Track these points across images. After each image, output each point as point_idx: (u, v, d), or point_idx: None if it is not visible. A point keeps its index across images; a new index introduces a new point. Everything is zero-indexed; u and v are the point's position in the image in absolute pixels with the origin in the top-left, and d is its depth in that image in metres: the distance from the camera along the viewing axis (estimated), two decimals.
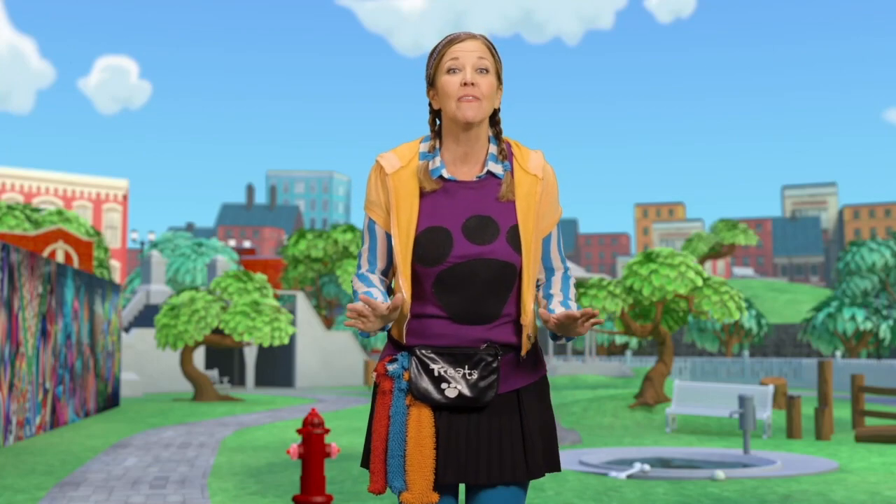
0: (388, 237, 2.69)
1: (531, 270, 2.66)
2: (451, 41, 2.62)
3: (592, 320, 2.57)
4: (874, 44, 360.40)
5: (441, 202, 2.65)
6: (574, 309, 2.71)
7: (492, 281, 2.62)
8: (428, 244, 2.61)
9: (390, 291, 2.81)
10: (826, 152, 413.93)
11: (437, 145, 2.69)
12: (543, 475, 2.69)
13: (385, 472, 2.61)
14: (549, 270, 2.78)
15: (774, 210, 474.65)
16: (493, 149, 2.69)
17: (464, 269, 2.60)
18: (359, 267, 2.78)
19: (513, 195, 2.66)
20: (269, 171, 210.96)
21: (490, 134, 2.72)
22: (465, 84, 2.58)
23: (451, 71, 2.60)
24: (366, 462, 2.71)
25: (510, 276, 2.63)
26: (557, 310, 2.71)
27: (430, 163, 2.67)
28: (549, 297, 2.77)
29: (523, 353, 2.69)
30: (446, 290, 2.62)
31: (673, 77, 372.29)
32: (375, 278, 2.71)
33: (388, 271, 2.74)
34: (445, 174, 2.65)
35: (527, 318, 2.67)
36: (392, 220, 2.65)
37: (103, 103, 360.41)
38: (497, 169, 2.67)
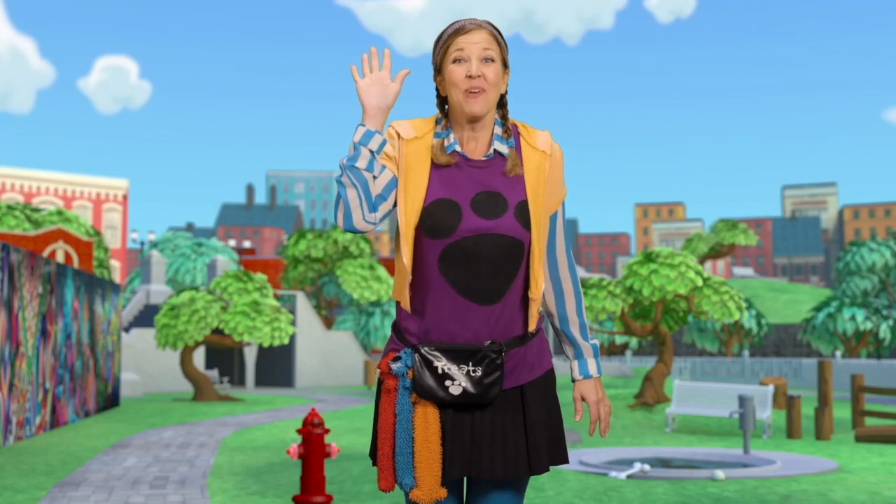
0: (395, 180, 2.67)
1: (541, 246, 2.68)
2: (457, 31, 2.64)
3: (595, 427, 2.83)
4: (874, 44, 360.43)
5: (451, 177, 2.66)
6: (592, 346, 2.83)
7: (499, 257, 2.63)
8: (437, 215, 2.61)
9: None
10: (826, 152, 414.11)
11: (448, 126, 2.72)
12: (548, 470, 2.72)
13: (394, 469, 2.63)
14: (554, 268, 2.79)
15: (774, 210, 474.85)
16: (498, 130, 2.71)
17: (471, 243, 2.61)
18: None
19: (520, 169, 2.68)
20: (269, 171, 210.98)
21: (496, 117, 2.74)
22: (471, 76, 2.60)
23: (457, 61, 2.63)
24: (373, 455, 2.74)
25: (518, 253, 2.65)
26: (583, 371, 2.84)
27: (445, 140, 2.69)
28: (564, 321, 2.83)
29: (531, 328, 2.72)
30: (453, 264, 2.63)
31: (673, 77, 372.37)
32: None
33: (378, 202, 2.65)
34: (458, 149, 2.67)
35: (536, 293, 2.69)
36: (400, 185, 2.65)
37: (103, 103, 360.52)
38: (503, 148, 2.69)
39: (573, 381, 2.80)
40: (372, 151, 2.58)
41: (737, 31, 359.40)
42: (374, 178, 2.60)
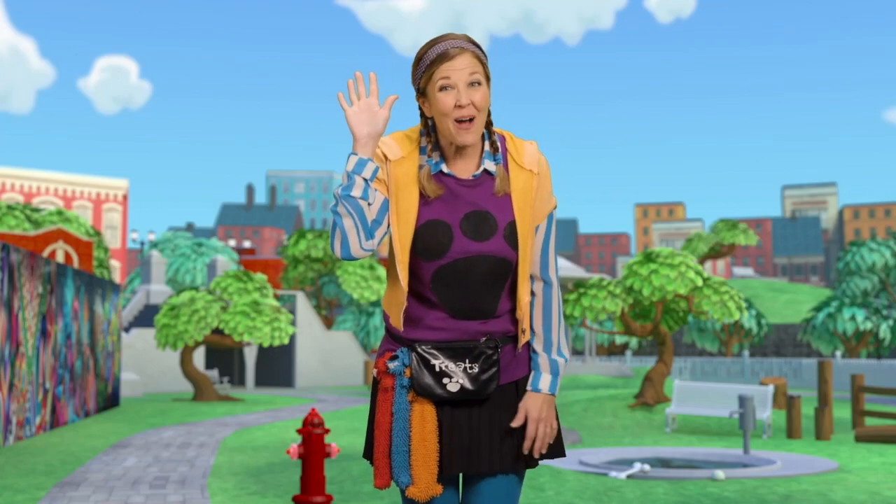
0: (387, 202, 2.65)
1: (526, 264, 2.69)
2: (441, 58, 2.59)
3: (530, 444, 2.70)
4: (874, 44, 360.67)
5: (440, 197, 2.66)
6: (550, 357, 2.75)
7: (489, 277, 2.64)
8: (428, 237, 2.62)
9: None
10: (826, 152, 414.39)
11: (434, 140, 2.70)
12: (540, 463, 2.73)
13: (390, 467, 2.65)
14: (530, 281, 2.77)
15: (774, 210, 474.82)
16: (487, 146, 2.70)
17: (463, 264, 2.62)
18: None
19: (508, 188, 2.67)
20: (269, 171, 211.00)
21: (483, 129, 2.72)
22: (461, 106, 2.58)
23: (444, 89, 2.59)
24: (368, 454, 2.75)
25: (506, 271, 2.66)
26: (534, 377, 2.75)
27: (430, 165, 2.67)
28: (533, 346, 2.78)
29: (519, 347, 2.73)
30: (444, 284, 2.64)
31: (673, 77, 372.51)
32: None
33: (375, 228, 2.65)
34: (445, 169, 2.66)
35: (521, 312, 2.70)
36: (392, 208, 2.64)
37: (103, 103, 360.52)
38: (492, 167, 2.68)
39: (525, 390, 2.75)
40: (366, 180, 2.56)
41: (737, 31, 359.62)
42: (370, 204, 2.59)
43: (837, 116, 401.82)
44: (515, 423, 2.69)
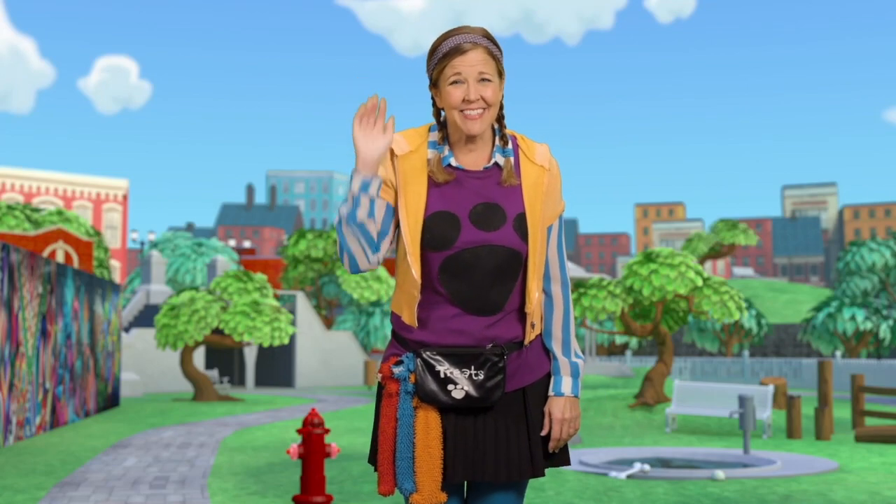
0: (390, 208, 2.66)
1: (537, 259, 2.67)
2: (454, 51, 2.60)
3: (554, 445, 2.74)
4: (874, 44, 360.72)
5: (449, 189, 2.65)
6: (571, 360, 2.77)
7: (497, 268, 2.63)
8: (436, 228, 2.61)
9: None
10: (826, 152, 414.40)
11: (445, 135, 2.70)
12: (545, 473, 2.72)
13: (394, 473, 2.63)
14: (547, 282, 2.77)
15: (774, 210, 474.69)
16: (497, 140, 2.71)
17: (470, 255, 2.61)
18: None
19: (515, 180, 2.67)
20: (269, 171, 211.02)
21: (494, 125, 2.73)
22: (469, 101, 2.59)
23: (454, 83, 2.60)
24: (373, 459, 2.74)
25: (516, 264, 2.65)
26: (554, 381, 2.77)
27: (441, 153, 2.68)
28: (548, 335, 2.78)
29: (527, 342, 2.71)
30: (452, 276, 2.62)
31: (673, 77, 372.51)
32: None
33: (381, 240, 2.66)
34: (454, 163, 2.67)
35: (531, 307, 2.68)
36: (400, 202, 2.64)
37: (103, 103, 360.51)
38: (501, 160, 2.69)
39: (548, 395, 2.76)
40: (371, 199, 2.57)
41: (737, 31, 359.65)
42: (374, 221, 2.60)
43: (837, 116, 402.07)
44: (544, 431, 2.71)
